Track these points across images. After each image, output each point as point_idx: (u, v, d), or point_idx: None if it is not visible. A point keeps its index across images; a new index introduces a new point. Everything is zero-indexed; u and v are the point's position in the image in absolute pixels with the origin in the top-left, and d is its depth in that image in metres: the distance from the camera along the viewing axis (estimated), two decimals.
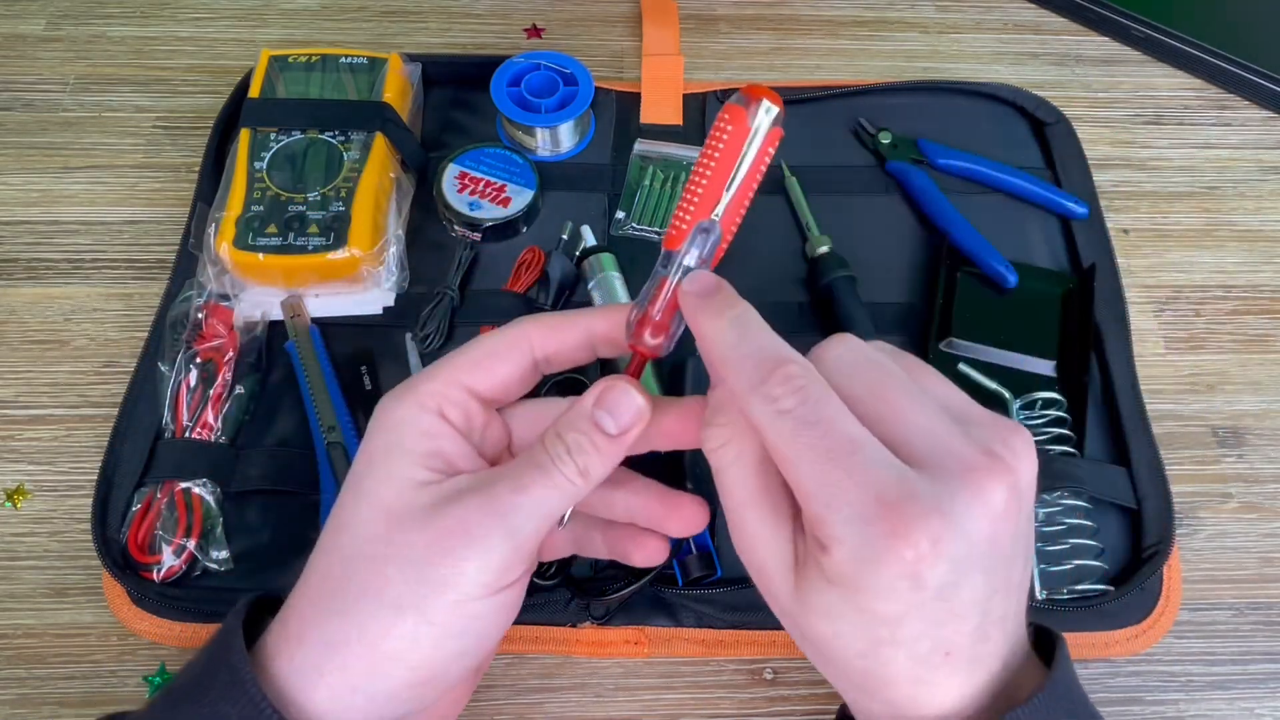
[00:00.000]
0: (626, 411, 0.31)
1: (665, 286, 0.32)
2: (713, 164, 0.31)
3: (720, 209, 0.32)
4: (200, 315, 0.48)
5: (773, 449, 0.29)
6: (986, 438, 0.29)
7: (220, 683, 0.29)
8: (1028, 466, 0.29)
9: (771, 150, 0.32)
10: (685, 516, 0.35)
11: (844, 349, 0.31)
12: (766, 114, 0.31)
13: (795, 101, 0.59)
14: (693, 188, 0.32)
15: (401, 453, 0.31)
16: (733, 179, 0.31)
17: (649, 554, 0.36)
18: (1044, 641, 0.32)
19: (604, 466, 0.31)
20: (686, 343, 0.32)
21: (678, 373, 0.45)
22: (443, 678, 0.31)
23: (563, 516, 0.32)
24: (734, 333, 0.30)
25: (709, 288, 0.31)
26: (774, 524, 0.30)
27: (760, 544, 0.30)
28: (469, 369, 0.33)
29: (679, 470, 0.43)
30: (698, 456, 0.43)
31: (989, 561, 0.28)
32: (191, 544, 0.43)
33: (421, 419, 0.32)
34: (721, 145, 0.31)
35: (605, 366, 0.48)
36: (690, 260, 0.32)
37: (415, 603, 0.29)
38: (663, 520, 0.36)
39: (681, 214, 0.32)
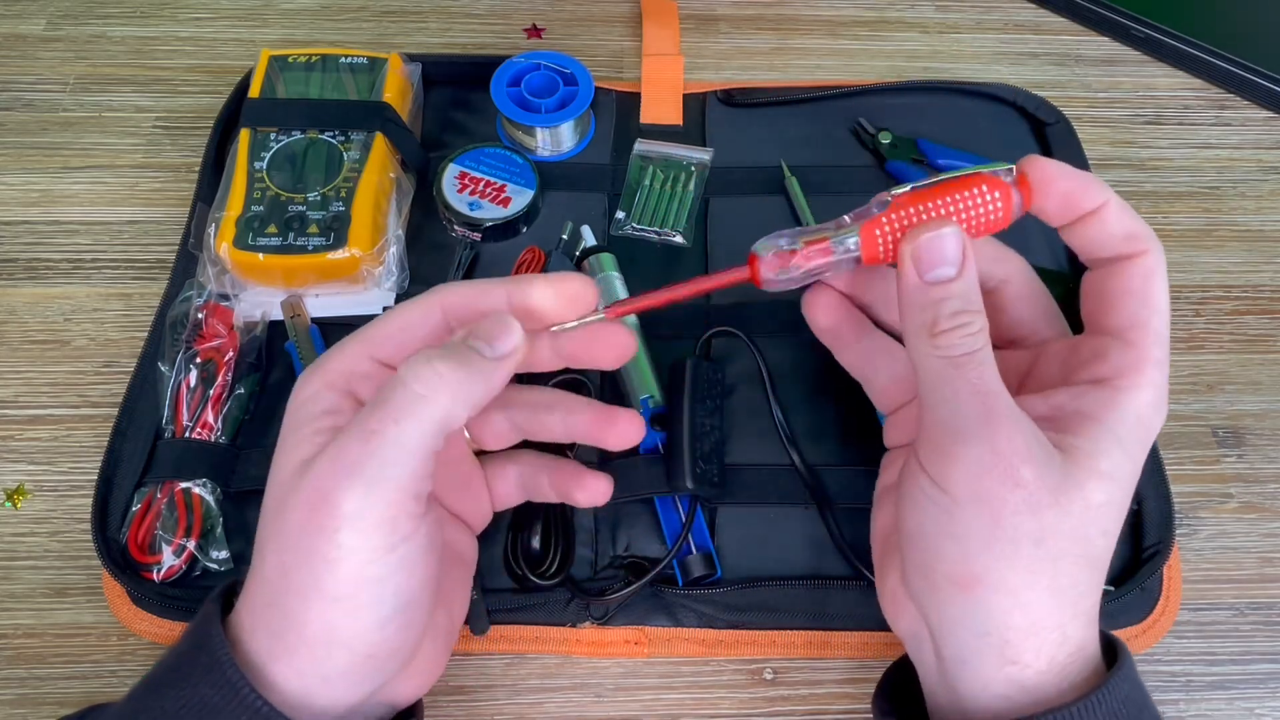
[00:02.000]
0: (504, 338, 0.30)
1: (828, 256, 0.33)
2: (958, 209, 0.33)
3: (901, 191, 0.33)
4: (200, 315, 0.48)
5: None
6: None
7: (200, 666, 0.30)
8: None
9: (992, 215, 0.33)
10: (621, 429, 0.36)
11: None
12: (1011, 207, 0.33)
13: (795, 102, 0.59)
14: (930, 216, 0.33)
15: (299, 435, 0.31)
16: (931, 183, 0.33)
17: (591, 493, 0.37)
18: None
19: (486, 380, 0.30)
20: (687, 338, 0.32)
21: (678, 371, 0.45)
22: (384, 648, 0.30)
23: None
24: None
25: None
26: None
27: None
28: (379, 341, 0.32)
29: (679, 470, 0.43)
30: (696, 453, 0.43)
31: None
32: (191, 544, 0.43)
33: (324, 397, 0.31)
34: (974, 210, 0.33)
35: (605, 378, 0.48)
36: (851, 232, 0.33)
37: (313, 584, 0.28)
38: (601, 435, 0.36)
39: (904, 228, 0.33)
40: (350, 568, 0.28)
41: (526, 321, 0.32)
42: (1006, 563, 0.30)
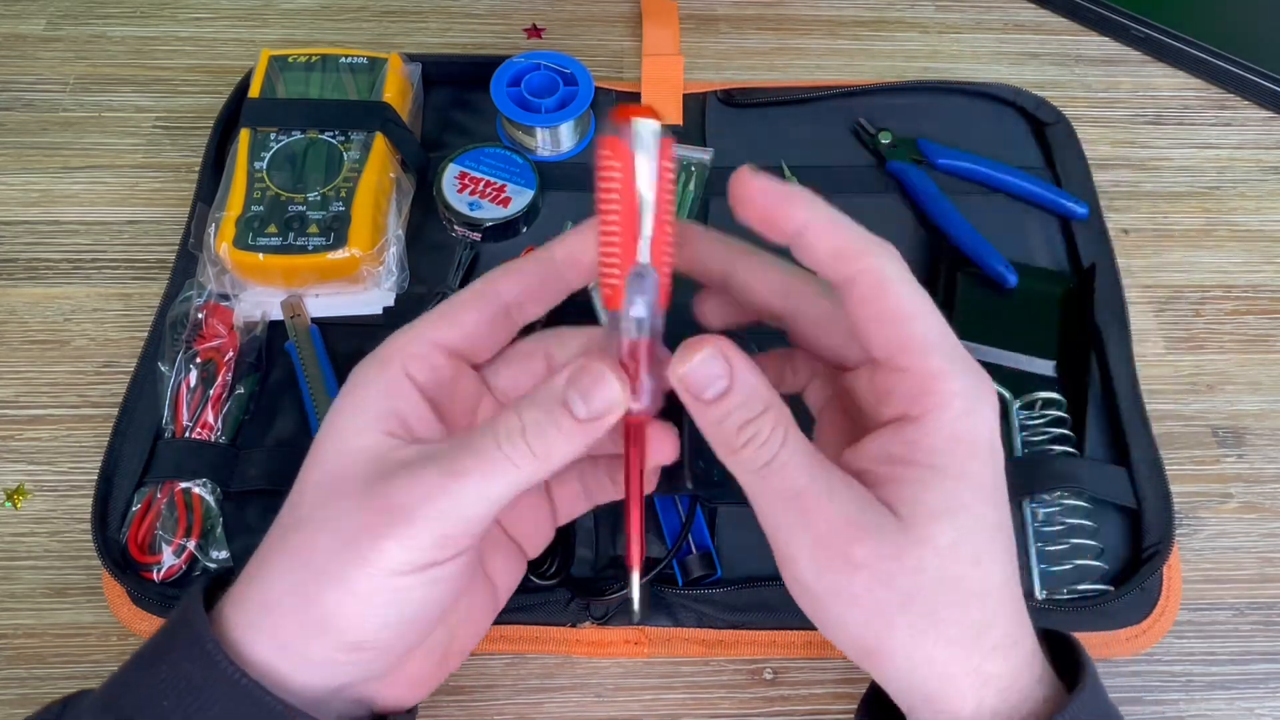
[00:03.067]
0: (600, 398, 0.29)
1: (626, 349, 0.30)
2: (614, 206, 0.29)
3: (645, 249, 0.29)
4: (200, 315, 0.48)
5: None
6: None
7: (180, 643, 0.30)
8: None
9: (670, 165, 0.29)
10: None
11: None
12: (645, 132, 0.28)
13: (795, 102, 0.59)
14: (607, 238, 0.29)
15: (356, 415, 0.31)
16: (643, 214, 0.29)
17: (665, 450, 0.34)
18: (1058, 648, 0.32)
19: (566, 451, 0.30)
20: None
21: None
22: (377, 647, 0.31)
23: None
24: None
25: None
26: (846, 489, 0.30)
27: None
28: (434, 322, 0.32)
29: (679, 470, 0.43)
30: (696, 446, 0.43)
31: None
32: (191, 544, 0.43)
33: (383, 377, 0.31)
34: (615, 184, 0.28)
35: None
36: (638, 312, 0.29)
37: (339, 572, 0.29)
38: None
39: (607, 269, 0.29)
40: (380, 573, 0.29)
41: (574, 278, 0.32)
42: (885, 635, 0.29)
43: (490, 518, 0.30)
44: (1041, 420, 0.47)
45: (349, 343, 0.50)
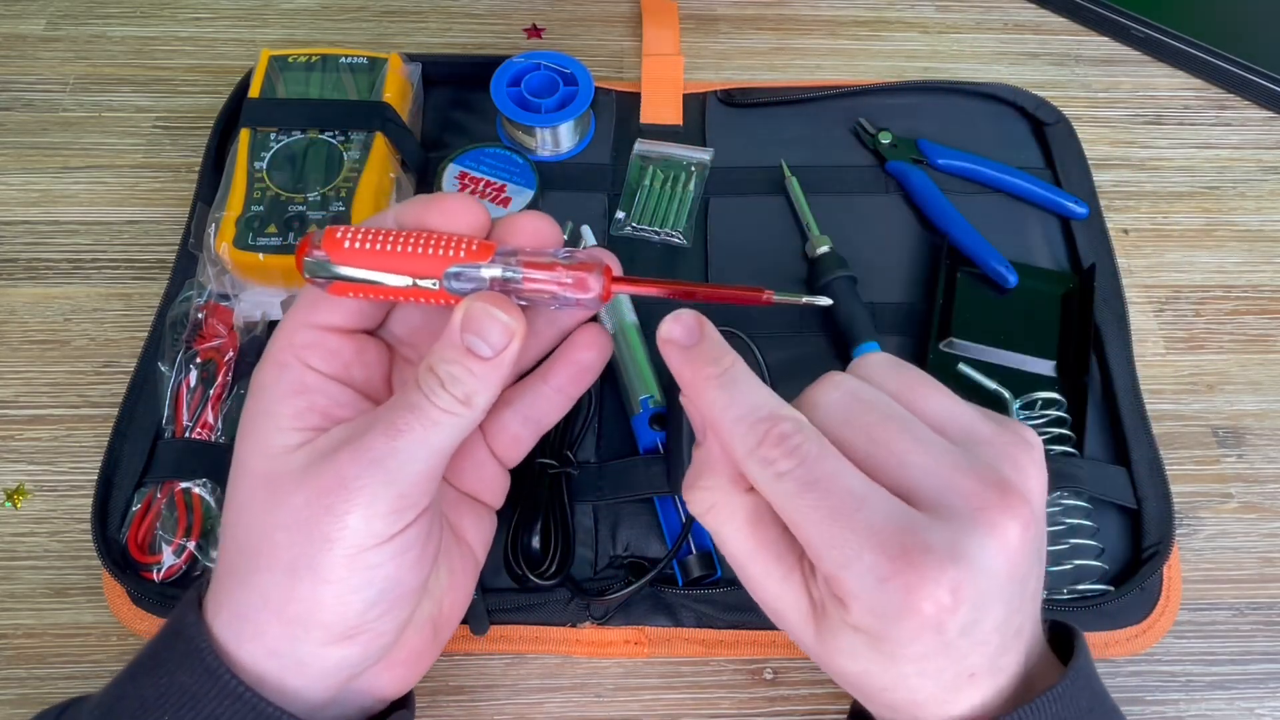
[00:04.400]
0: (495, 330, 0.30)
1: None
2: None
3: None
4: (200, 315, 0.48)
5: (779, 511, 0.29)
6: (996, 461, 0.29)
7: (177, 653, 0.30)
8: (1038, 486, 0.29)
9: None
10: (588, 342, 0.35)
11: (835, 393, 0.30)
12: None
13: (795, 102, 0.59)
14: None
15: (267, 419, 0.31)
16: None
17: (594, 347, 0.36)
18: (1061, 637, 0.32)
19: (489, 390, 0.30)
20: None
21: None
22: (366, 631, 0.31)
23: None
24: (724, 394, 0.29)
25: (692, 331, 0.30)
26: (782, 575, 0.30)
27: (771, 596, 0.30)
28: (311, 307, 0.32)
29: (679, 470, 0.43)
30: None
31: (1008, 591, 0.28)
32: (191, 544, 0.43)
33: (284, 377, 0.31)
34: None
35: (605, 376, 0.48)
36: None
37: (307, 563, 0.29)
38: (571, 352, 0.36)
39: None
40: (348, 550, 0.29)
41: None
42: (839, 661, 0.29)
43: (439, 471, 0.31)
44: (1041, 420, 0.47)
45: None
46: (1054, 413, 0.47)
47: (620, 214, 0.55)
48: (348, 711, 0.33)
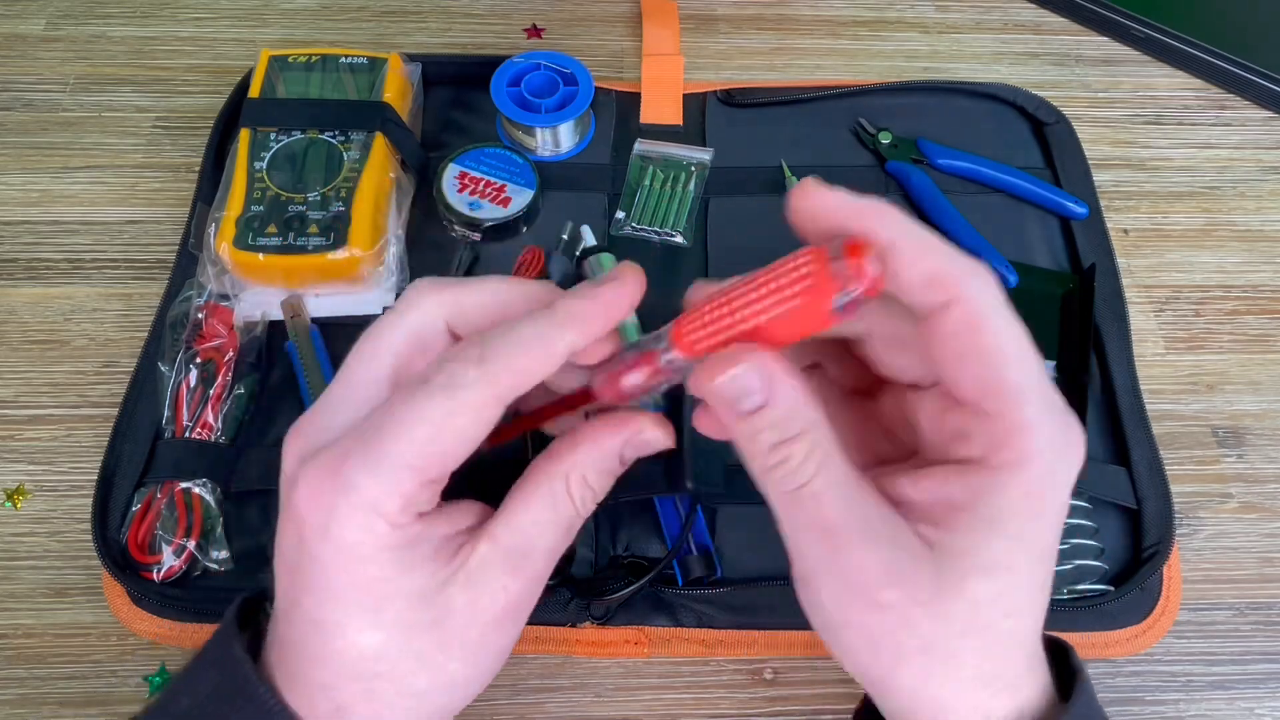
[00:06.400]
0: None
1: (655, 371, 0.29)
2: (764, 305, 0.26)
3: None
4: (200, 315, 0.48)
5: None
6: None
7: (241, 714, 0.28)
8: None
9: (838, 319, 0.25)
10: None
11: None
12: (848, 292, 0.25)
13: (795, 102, 0.59)
14: (733, 304, 0.26)
15: (372, 569, 0.28)
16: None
17: (660, 437, 0.33)
18: (1053, 654, 0.32)
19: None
20: None
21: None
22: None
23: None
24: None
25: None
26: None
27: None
28: (417, 458, 0.27)
29: (679, 470, 0.43)
30: (696, 446, 0.43)
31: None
32: (191, 544, 0.43)
33: (371, 539, 0.28)
34: (778, 293, 0.25)
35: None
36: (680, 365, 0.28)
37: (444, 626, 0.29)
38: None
39: (712, 320, 0.27)
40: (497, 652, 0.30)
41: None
42: (895, 670, 0.28)
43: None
44: None
45: (349, 343, 0.49)
46: None
47: (620, 214, 0.55)
48: None
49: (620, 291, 0.30)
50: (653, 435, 0.31)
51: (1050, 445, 0.27)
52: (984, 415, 0.27)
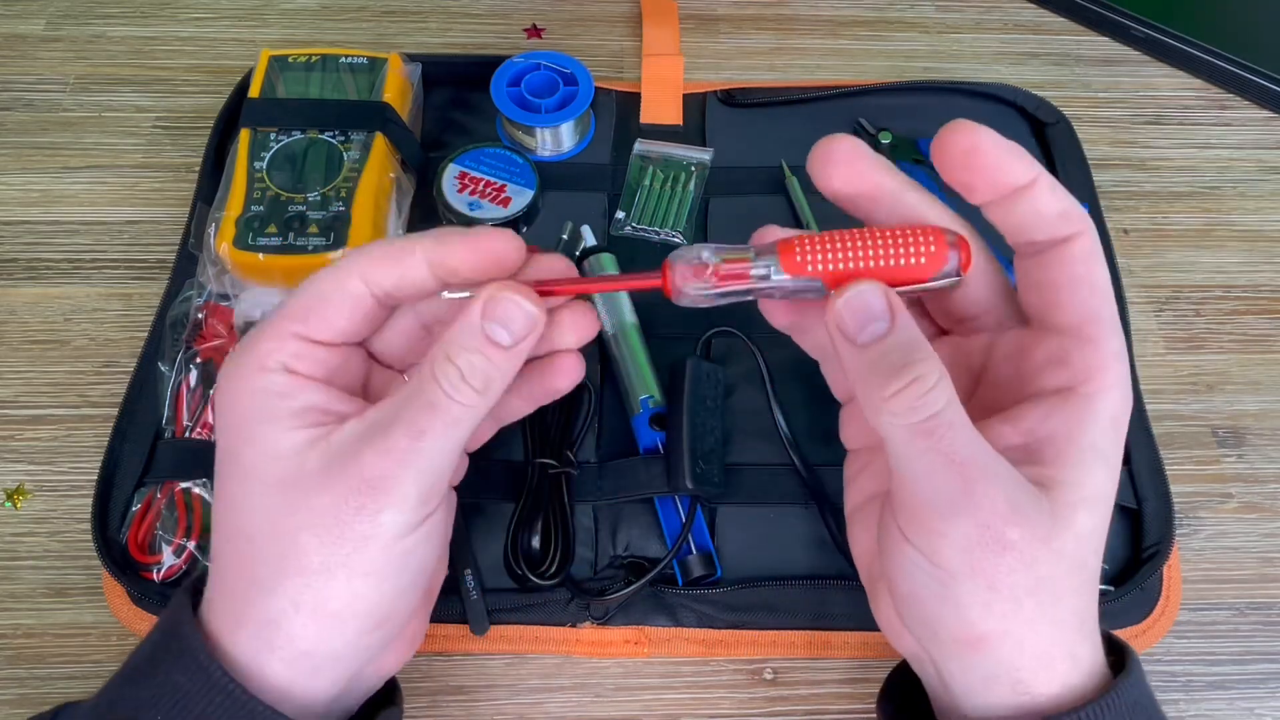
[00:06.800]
0: (519, 320, 0.30)
1: (747, 278, 0.30)
2: (876, 249, 0.30)
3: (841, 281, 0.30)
4: (200, 315, 0.48)
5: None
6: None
7: (171, 653, 0.30)
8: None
9: (929, 287, 0.30)
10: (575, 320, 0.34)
11: None
12: (949, 273, 0.30)
13: (795, 102, 0.59)
14: (851, 242, 0.30)
15: (268, 420, 0.30)
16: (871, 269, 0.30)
17: (569, 375, 0.35)
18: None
19: (503, 380, 0.30)
20: (687, 338, 0.32)
21: (678, 371, 0.45)
22: (397, 615, 0.32)
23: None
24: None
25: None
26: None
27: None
28: (301, 317, 0.31)
29: (679, 470, 0.43)
30: (696, 446, 0.43)
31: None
32: (191, 544, 0.43)
33: (272, 381, 0.31)
34: (897, 247, 0.30)
35: (604, 378, 0.48)
36: (781, 284, 0.30)
37: (342, 561, 0.29)
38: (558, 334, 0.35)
39: (824, 248, 0.30)
40: (383, 544, 0.30)
41: (450, 282, 0.31)
42: (1009, 618, 0.29)
43: (457, 457, 0.31)
44: None
45: None
46: None
47: (620, 214, 0.55)
48: (355, 697, 0.33)
49: (492, 239, 0.31)
50: (507, 303, 0.30)
51: (1126, 375, 0.30)
52: (1084, 341, 0.29)
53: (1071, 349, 0.30)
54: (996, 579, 0.28)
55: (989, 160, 0.29)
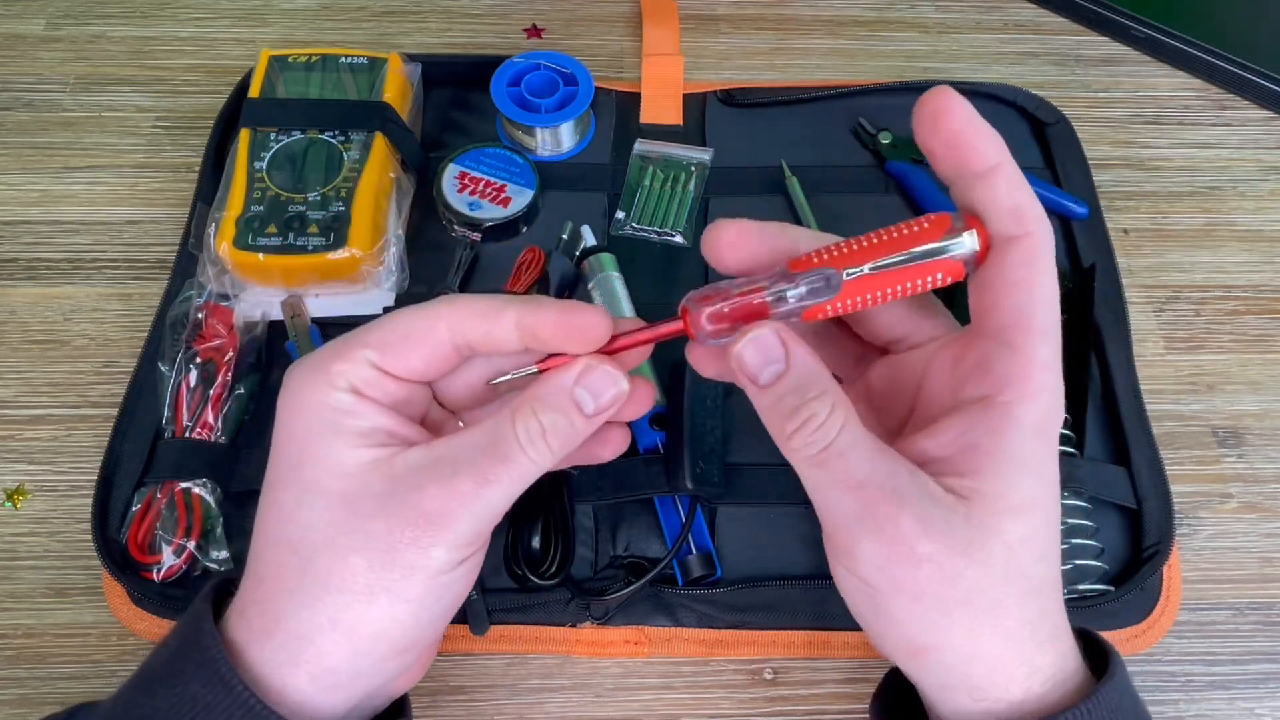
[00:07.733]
0: (608, 392, 0.31)
1: (756, 295, 0.30)
2: (882, 240, 0.30)
3: (855, 273, 0.29)
4: (200, 315, 0.48)
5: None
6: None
7: (192, 663, 0.30)
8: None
9: (947, 279, 0.29)
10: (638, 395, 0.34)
11: None
12: (962, 246, 0.29)
13: (795, 102, 0.59)
14: (852, 242, 0.30)
15: (335, 434, 0.30)
16: (884, 263, 0.29)
17: (615, 445, 0.35)
18: (1087, 645, 0.33)
19: (575, 445, 0.31)
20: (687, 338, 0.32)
21: (678, 371, 0.45)
22: (423, 642, 0.32)
23: None
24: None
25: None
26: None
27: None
28: (379, 349, 0.31)
29: (679, 470, 0.43)
30: (696, 446, 0.43)
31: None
32: (191, 544, 0.43)
33: (340, 398, 0.31)
34: (903, 234, 0.29)
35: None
36: (796, 293, 0.29)
37: (386, 586, 0.30)
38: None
39: (825, 251, 0.30)
40: (428, 575, 0.30)
41: (531, 345, 0.31)
42: (944, 629, 0.29)
43: (510, 506, 0.32)
44: None
45: None
46: None
47: (620, 214, 0.55)
48: (364, 713, 0.34)
49: (584, 314, 0.31)
50: (602, 374, 0.31)
51: (1055, 387, 0.29)
52: (1007, 347, 0.29)
53: (994, 356, 0.29)
54: (919, 591, 0.29)
55: (954, 126, 0.29)
